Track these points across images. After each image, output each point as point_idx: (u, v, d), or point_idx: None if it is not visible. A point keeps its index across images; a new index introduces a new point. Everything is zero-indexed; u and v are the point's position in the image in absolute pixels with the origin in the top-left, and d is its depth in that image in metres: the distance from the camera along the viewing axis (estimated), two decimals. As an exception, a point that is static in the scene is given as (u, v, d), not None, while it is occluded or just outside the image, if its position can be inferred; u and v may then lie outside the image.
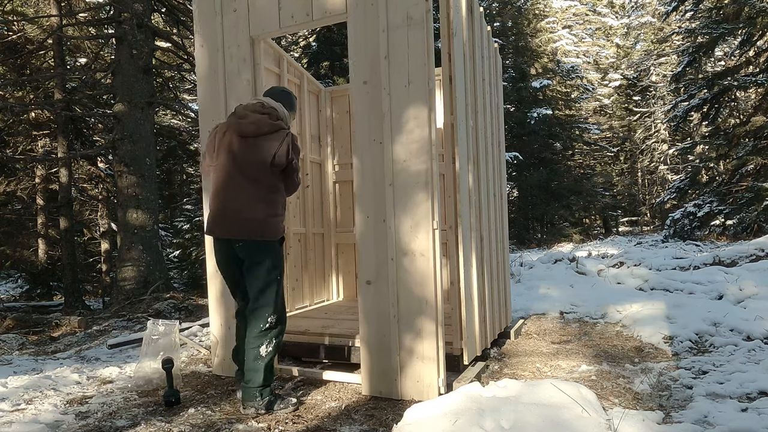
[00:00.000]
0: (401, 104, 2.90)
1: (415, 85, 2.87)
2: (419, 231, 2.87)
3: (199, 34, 3.56)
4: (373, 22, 2.97)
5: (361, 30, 3.01)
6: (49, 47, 8.71)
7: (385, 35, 2.93)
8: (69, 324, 6.02)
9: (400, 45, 2.90)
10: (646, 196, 27.48)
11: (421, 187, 2.87)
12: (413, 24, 2.87)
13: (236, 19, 3.39)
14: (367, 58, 3.00)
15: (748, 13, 12.58)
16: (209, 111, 3.53)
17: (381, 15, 2.94)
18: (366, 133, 3.01)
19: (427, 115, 2.85)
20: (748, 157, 12.52)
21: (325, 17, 3.16)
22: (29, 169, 10.83)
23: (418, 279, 2.88)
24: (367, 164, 3.01)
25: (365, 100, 3.01)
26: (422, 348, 2.87)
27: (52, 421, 2.75)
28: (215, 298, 3.56)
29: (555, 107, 20.65)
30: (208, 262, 3.58)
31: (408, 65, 2.89)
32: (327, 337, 3.60)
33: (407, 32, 2.88)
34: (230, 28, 3.42)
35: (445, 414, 2.30)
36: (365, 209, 3.02)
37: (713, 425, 2.38)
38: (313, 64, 12.63)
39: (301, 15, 3.20)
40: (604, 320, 4.79)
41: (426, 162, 2.85)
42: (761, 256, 6.88)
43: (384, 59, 2.93)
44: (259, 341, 2.73)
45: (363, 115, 3.02)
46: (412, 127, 2.88)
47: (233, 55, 3.41)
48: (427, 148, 2.85)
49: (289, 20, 3.24)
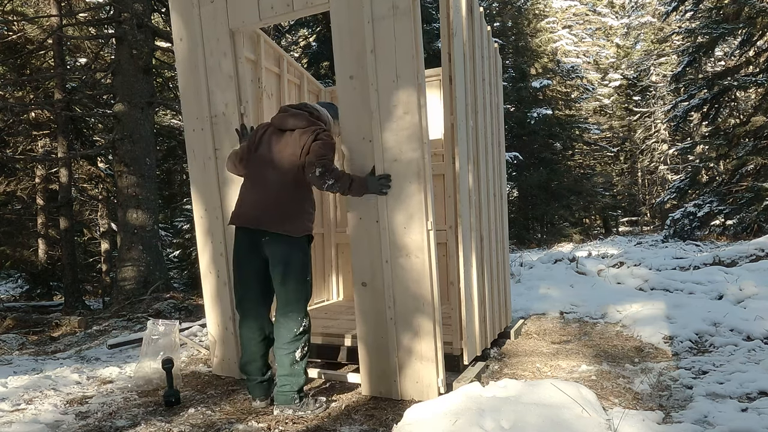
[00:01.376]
0: (389, 100, 2.78)
1: (403, 80, 2.74)
2: (413, 227, 2.80)
3: (176, 28, 3.39)
4: (357, 12, 2.81)
5: (345, 21, 2.87)
6: (49, 47, 8.71)
7: (371, 27, 2.77)
8: (69, 324, 6.02)
9: (386, 37, 2.75)
10: (646, 196, 27.47)
11: (413, 177, 2.76)
12: (399, 13, 2.70)
13: (214, 10, 3.23)
14: (353, 51, 2.86)
15: (748, 13, 12.57)
16: (192, 108, 3.42)
17: (365, 4, 2.77)
18: (354, 130, 2.91)
19: (416, 101, 2.73)
20: (748, 157, 12.52)
21: (306, 7, 3.02)
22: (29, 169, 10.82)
23: (413, 278, 2.84)
24: (358, 164, 2.92)
25: (352, 96, 2.89)
26: (420, 348, 2.86)
27: (52, 421, 2.75)
28: (210, 297, 3.54)
29: (555, 107, 20.64)
30: (201, 258, 3.53)
31: (395, 59, 2.74)
32: (328, 338, 3.60)
33: (393, 23, 2.72)
34: (208, 21, 3.26)
35: (445, 414, 2.29)
36: (357, 210, 2.95)
37: (713, 425, 2.37)
38: (313, 64, 12.63)
39: (281, 5, 3.05)
40: (604, 320, 4.79)
41: (417, 150, 2.74)
42: (761, 256, 6.88)
43: (370, 53, 2.79)
44: (294, 346, 2.69)
45: (350, 112, 2.91)
46: (401, 114, 2.76)
47: (213, 50, 3.27)
48: (418, 134, 2.74)
49: (269, 11, 3.09)
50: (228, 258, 3.35)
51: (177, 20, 3.41)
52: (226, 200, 3.34)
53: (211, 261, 3.49)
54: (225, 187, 3.34)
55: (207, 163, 3.40)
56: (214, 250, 3.46)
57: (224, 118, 3.30)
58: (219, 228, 3.41)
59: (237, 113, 3.25)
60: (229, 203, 3.28)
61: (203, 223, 3.50)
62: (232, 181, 3.25)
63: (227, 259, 3.36)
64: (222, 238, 3.39)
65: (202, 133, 3.40)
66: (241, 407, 2.90)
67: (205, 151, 3.40)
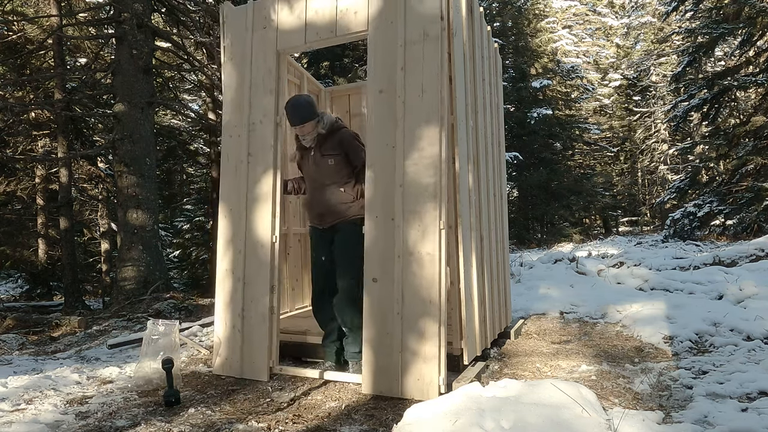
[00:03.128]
0: (415, 112, 3.03)
1: (428, 94, 3.00)
2: (427, 230, 2.93)
3: (228, 49, 3.74)
4: (392, 38, 3.15)
5: (381, 45, 3.18)
6: (49, 47, 8.71)
7: (402, 50, 3.10)
8: (69, 324, 6.02)
9: (415, 58, 3.06)
10: (646, 196, 27.48)
11: (431, 188, 2.96)
12: (429, 39, 3.04)
13: (265, 34, 3.58)
14: (385, 70, 3.16)
15: (748, 13, 12.58)
16: (234, 117, 3.68)
17: (399, 32, 3.12)
18: (381, 140, 3.14)
19: (438, 120, 2.96)
20: (748, 157, 12.52)
21: (347, 34, 3.34)
22: (29, 169, 10.83)
23: (423, 279, 2.91)
24: (380, 169, 3.11)
25: (381, 108, 3.15)
26: (425, 347, 2.88)
27: (52, 421, 2.75)
28: (227, 294, 3.56)
29: (555, 107, 20.64)
30: (222, 257, 3.63)
31: (422, 75, 3.03)
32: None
33: (423, 47, 3.05)
34: (259, 43, 3.60)
35: (446, 414, 2.29)
36: (375, 210, 3.10)
37: (713, 425, 2.37)
38: (313, 64, 12.64)
39: (325, 32, 3.38)
40: (604, 320, 4.79)
41: (436, 165, 2.95)
42: (761, 256, 6.89)
43: (400, 70, 3.09)
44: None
45: (378, 122, 3.15)
46: (424, 132, 3.00)
47: (260, 67, 3.59)
48: (438, 151, 2.95)
49: (314, 36, 3.42)
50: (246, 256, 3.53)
51: (229, 42, 3.75)
52: (251, 202, 3.54)
53: (232, 260, 3.57)
54: (253, 190, 3.54)
55: (239, 166, 3.62)
56: (234, 249, 3.56)
57: (261, 126, 3.57)
58: (241, 228, 3.54)
59: (273, 123, 3.51)
60: (253, 205, 3.52)
61: (226, 223, 3.63)
62: (259, 184, 3.51)
63: (245, 256, 3.51)
64: (243, 237, 3.53)
65: (239, 140, 3.64)
66: (241, 407, 2.90)
67: (239, 156, 3.63)
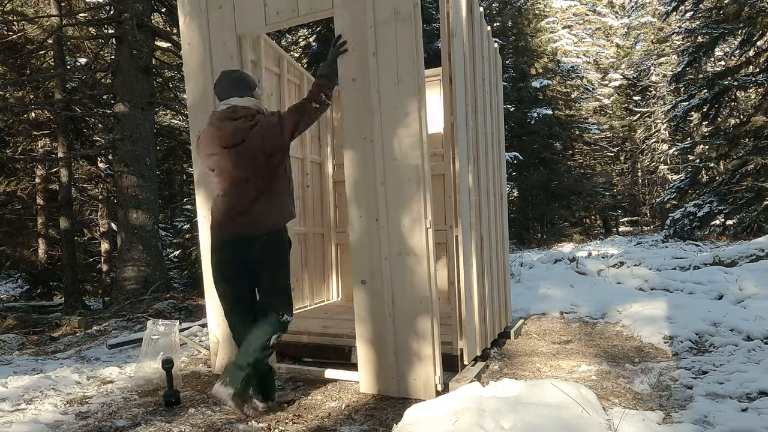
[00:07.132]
0: (391, 102, 2.87)
1: (404, 83, 2.83)
2: (413, 228, 2.86)
3: (185, 33, 3.55)
4: (360, 17, 2.92)
5: (348, 26, 2.97)
6: (49, 47, 8.71)
7: (373, 31, 2.88)
8: (69, 324, 6.02)
9: (388, 41, 2.85)
10: (646, 196, 27.46)
11: (414, 184, 2.84)
12: (401, 19, 2.81)
13: (222, 16, 3.36)
14: (356, 55, 2.96)
15: (748, 13, 12.57)
16: (199, 110, 3.52)
17: (368, 10, 2.88)
18: (356, 131, 3.00)
19: (417, 111, 2.82)
20: (748, 157, 12.52)
21: (311, 13, 3.12)
22: (29, 169, 10.82)
23: (412, 277, 2.87)
24: (358, 163, 2.99)
25: (354, 98, 2.99)
26: (419, 346, 2.87)
27: (52, 421, 2.75)
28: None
29: (555, 107, 20.61)
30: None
31: (397, 62, 2.84)
32: (327, 338, 3.60)
33: (395, 27, 2.83)
34: (216, 26, 3.39)
35: (446, 414, 2.29)
36: (358, 208, 3.01)
37: (713, 425, 2.37)
38: (313, 64, 12.62)
39: (287, 11, 3.16)
40: (604, 320, 4.79)
41: (418, 158, 2.82)
42: (761, 256, 6.89)
43: (372, 56, 2.89)
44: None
45: (352, 113, 3.00)
46: (402, 123, 2.85)
47: (220, 53, 3.39)
48: (419, 144, 2.82)
49: (275, 17, 3.21)
50: None
51: (185, 26, 3.53)
52: None
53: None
54: None
55: None
56: None
57: None
58: None
59: None
60: None
61: (207, 224, 3.49)
62: None
63: None
64: None
65: None
66: (241, 407, 2.89)
67: None
